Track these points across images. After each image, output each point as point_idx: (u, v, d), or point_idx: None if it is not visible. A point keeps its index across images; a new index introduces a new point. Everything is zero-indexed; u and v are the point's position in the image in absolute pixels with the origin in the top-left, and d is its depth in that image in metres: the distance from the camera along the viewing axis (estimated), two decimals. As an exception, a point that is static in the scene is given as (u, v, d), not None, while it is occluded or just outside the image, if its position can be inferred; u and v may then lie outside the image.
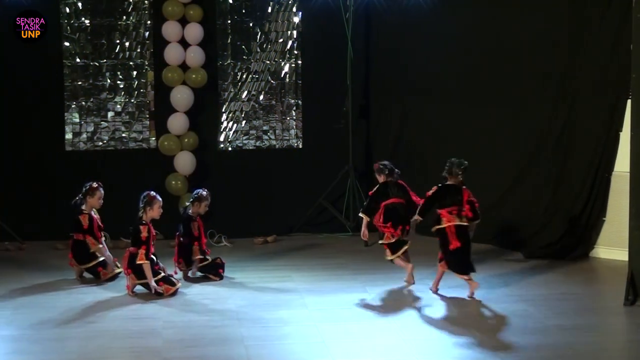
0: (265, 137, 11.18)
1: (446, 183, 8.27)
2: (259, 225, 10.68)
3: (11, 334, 7.22)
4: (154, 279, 8.24)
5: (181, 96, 10.67)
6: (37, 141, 10.64)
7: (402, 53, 10.93)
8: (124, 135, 10.93)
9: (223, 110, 11.09)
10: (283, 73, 11.11)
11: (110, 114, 10.90)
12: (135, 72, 10.89)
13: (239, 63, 11.03)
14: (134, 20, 10.84)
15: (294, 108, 11.19)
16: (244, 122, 11.13)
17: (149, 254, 8.24)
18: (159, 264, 8.40)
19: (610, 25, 9.55)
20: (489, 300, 8.06)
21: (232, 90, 11.07)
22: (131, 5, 10.81)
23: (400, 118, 11.13)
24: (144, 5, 10.82)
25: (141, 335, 7.26)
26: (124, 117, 10.93)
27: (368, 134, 11.25)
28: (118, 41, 10.83)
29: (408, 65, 10.92)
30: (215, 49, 10.92)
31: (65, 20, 10.71)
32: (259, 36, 11.03)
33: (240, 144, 11.15)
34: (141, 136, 10.97)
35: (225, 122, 11.10)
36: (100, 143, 10.90)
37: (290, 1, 11.00)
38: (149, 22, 10.83)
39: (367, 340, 7.08)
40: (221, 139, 11.11)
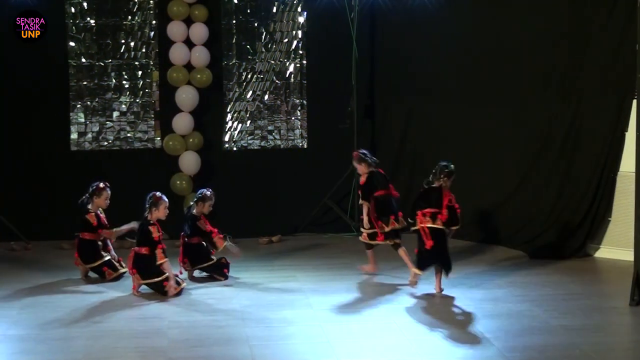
0: (270, 137, 11.19)
1: (432, 186, 8.32)
2: (264, 225, 10.69)
3: (17, 333, 7.23)
4: (159, 279, 8.25)
5: (186, 96, 10.68)
6: (43, 141, 10.65)
7: (407, 53, 10.93)
8: (129, 135, 10.95)
9: (228, 110, 11.10)
10: (288, 73, 11.11)
11: (115, 113, 10.91)
12: (140, 72, 10.90)
13: (244, 63, 11.04)
14: (139, 20, 10.86)
15: (299, 108, 11.19)
16: (248, 122, 11.13)
17: (166, 252, 8.28)
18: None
19: (616, 25, 9.54)
20: (494, 300, 8.06)
21: (237, 90, 11.08)
22: (136, 5, 10.82)
23: (405, 118, 11.13)
24: (149, 5, 10.83)
25: (146, 335, 7.27)
26: (129, 117, 10.94)
27: (373, 134, 11.25)
28: (123, 41, 10.84)
29: (413, 65, 10.91)
30: (220, 49, 10.92)
31: (71, 20, 10.72)
32: (264, 36, 11.03)
33: (245, 144, 11.16)
34: (146, 136, 10.98)
35: (230, 122, 11.11)
36: (106, 143, 10.92)
37: (295, 1, 11.00)
38: (154, 22, 10.84)
39: (372, 340, 7.08)
40: (226, 139, 11.12)
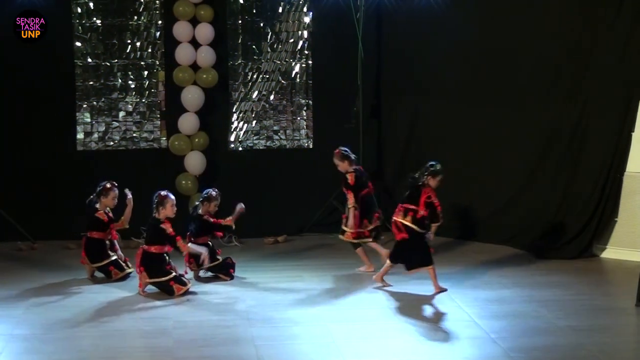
0: (275, 137, 11.19)
1: (417, 183, 8.39)
2: (270, 225, 10.69)
3: (23, 333, 7.25)
4: (164, 279, 8.27)
5: (192, 96, 10.69)
6: (49, 141, 10.66)
7: (413, 53, 10.91)
8: (135, 135, 10.96)
9: (233, 110, 11.10)
10: (294, 73, 11.11)
11: (121, 113, 10.92)
12: (146, 72, 10.91)
13: (249, 63, 11.04)
14: (145, 20, 10.87)
15: (305, 108, 11.19)
16: (254, 122, 11.13)
17: (184, 239, 8.35)
18: (170, 263, 8.42)
19: (622, 26, 9.52)
20: (499, 301, 8.05)
21: (243, 90, 11.08)
22: (142, 6, 10.82)
23: (411, 118, 11.11)
24: (155, 6, 10.84)
25: (152, 334, 7.29)
26: (135, 117, 10.95)
27: (379, 134, 11.24)
28: (129, 41, 10.85)
29: (419, 65, 10.89)
30: (226, 49, 10.92)
31: (77, 20, 10.73)
32: (269, 36, 11.03)
33: (251, 144, 11.16)
34: (152, 136, 10.99)
35: (236, 122, 11.11)
36: (112, 143, 10.92)
37: (300, 1, 10.99)
38: (160, 22, 10.85)
39: (377, 340, 7.08)
40: (232, 139, 11.12)
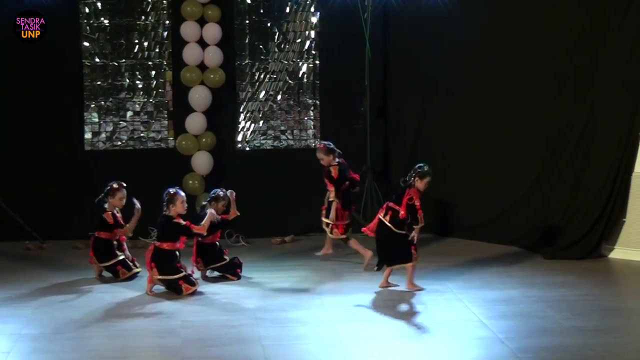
0: (282, 137, 11.19)
1: (407, 184, 8.44)
2: (277, 225, 10.69)
3: (31, 332, 7.26)
4: (174, 277, 8.28)
5: (199, 96, 10.70)
6: (57, 141, 10.69)
7: (420, 53, 10.91)
8: (143, 135, 10.98)
9: (241, 110, 11.11)
10: (301, 73, 11.11)
11: (129, 113, 10.95)
12: (153, 72, 10.93)
13: (257, 63, 11.05)
14: (152, 20, 10.88)
15: (312, 108, 11.19)
16: (261, 122, 11.14)
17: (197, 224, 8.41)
18: (180, 261, 8.44)
19: (630, 26, 9.50)
20: (507, 301, 8.04)
21: (250, 90, 11.09)
22: (150, 6, 10.84)
23: (418, 118, 11.11)
24: (163, 6, 10.85)
25: (160, 334, 7.30)
26: (143, 117, 10.97)
27: (386, 134, 11.24)
28: (137, 41, 10.87)
29: (426, 65, 10.89)
30: (233, 49, 10.93)
31: (85, 20, 10.75)
32: (277, 36, 11.04)
33: (258, 144, 11.17)
34: (159, 136, 11.01)
35: (243, 122, 11.12)
36: (119, 143, 10.95)
37: (308, 1, 11.00)
38: (168, 22, 10.87)
39: (384, 340, 7.08)
40: (239, 139, 11.13)
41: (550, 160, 10.13)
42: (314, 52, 11.08)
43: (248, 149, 11.17)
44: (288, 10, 11.01)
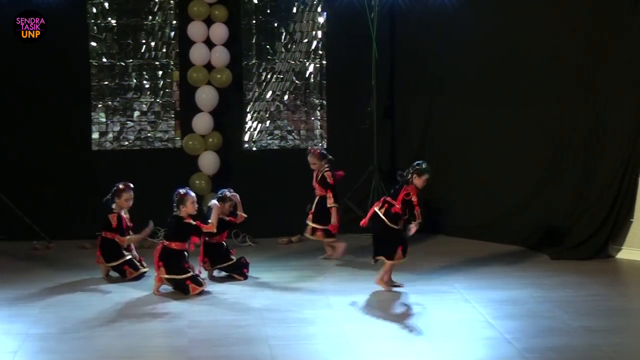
0: (289, 137, 11.20)
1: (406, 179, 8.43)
2: (283, 225, 10.69)
3: (38, 332, 7.27)
4: (181, 277, 8.29)
5: (206, 96, 10.71)
6: (64, 140, 10.72)
7: (427, 53, 10.91)
8: (150, 135, 11.00)
9: (247, 110, 11.12)
10: (308, 73, 11.12)
11: (136, 113, 10.97)
12: (160, 72, 10.95)
13: (263, 63, 11.06)
14: (159, 20, 10.90)
15: (319, 108, 11.20)
16: (268, 122, 11.15)
17: (207, 222, 8.44)
18: (188, 262, 8.45)
19: (636, 26, 9.48)
20: (514, 301, 8.03)
21: (257, 90, 11.10)
22: (157, 6, 10.86)
23: (425, 118, 11.11)
24: (170, 6, 10.87)
25: (167, 334, 7.31)
26: (150, 117, 10.99)
27: (392, 134, 11.24)
28: (144, 41, 10.89)
29: (433, 65, 10.89)
30: (240, 49, 10.95)
31: (92, 20, 10.78)
32: (283, 36, 11.05)
33: (265, 144, 11.17)
34: (167, 136, 11.02)
35: (250, 122, 11.13)
36: (126, 143, 10.97)
37: (315, 1, 11.01)
38: (175, 22, 10.88)
39: (392, 340, 7.08)
40: (245, 139, 11.14)
41: (556, 160, 10.12)
42: (320, 52, 11.09)
43: (255, 149, 11.18)
44: (295, 10, 11.02)
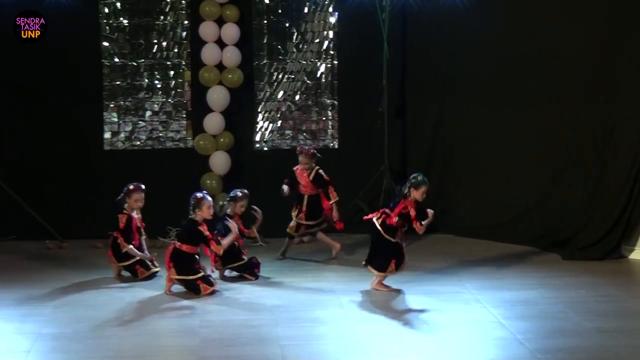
0: (300, 137, 11.21)
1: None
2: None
3: (51, 332, 7.30)
4: (192, 277, 8.31)
5: (217, 96, 10.73)
6: (77, 140, 10.75)
7: (438, 53, 10.89)
8: (161, 134, 11.02)
9: (259, 110, 11.12)
10: (319, 73, 11.11)
11: (147, 113, 10.99)
12: (172, 72, 10.96)
13: (275, 63, 11.06)
14: (171, 20, 10.92)
15: (330, 108, 11.19)
16: (279, 122, 11.16)
17: (218, 240, 8.45)
18: (199, 262, 8.46)
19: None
20: (525, 302, 8.02)
21: (268, 90, 11.11)
22: (169, 6, 10.88)
23: (436, 118, 11.09)
24: (181, 6, 10.89)
25: (179, 334, 7.33)
26: (161, 117, 11.01)
27: (403, 134, 11.22)
28: (155, 41, 10.90)
29: (444, 65, 10.87)
30: (251, 49, 10.95)
31: (104, 20, 10.80)
32: (295, 36, 11.05)
33: (276, 144, 11.18)
34: (178, 136, 11.04)
35: (261, 122, 11.14)
36: (138, 142, 10.99)
37: (326, 1, 11.00)
38: (186, 22, 10.90)
39: (403, 340, 7.08)
40: (257, 139, 11.15)
41: (570, 161, 10.09)
42: (332, 52, 11.08)
43: (266, 148, 11.18)
44: (306, 10, 11.02)
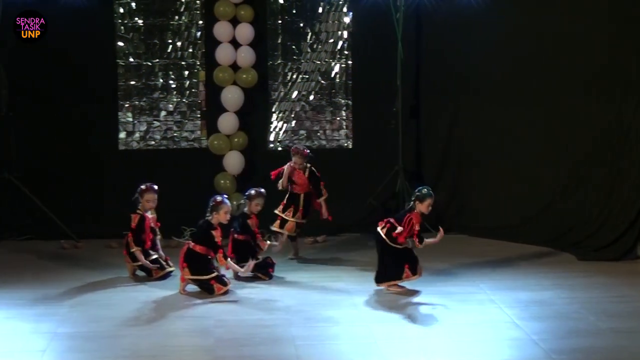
0: (315, 137, 11.21)
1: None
2: (309, 225, 10.65)
3: (67, 331, 7.33)
4: (206, 277, 8.33)
5: (232, 96, 10.75)
6: (92, 140, 10.79)
7: (452, 53, 10.87)
8: (176, 134, 11.04)
9: (273, 110, 11.14)
10: (333, 73, 11.12)
11: (162, 113, 11.02)
12: (187, 72, 10.99)
13: (289, 63, 11.07)
14: (186, 21, 10.95)
15: (344, 108, 11.20)
16: (293, 122, 11.17)
17: (227, 255, 8.45)
18: (213, 263, 8.48)
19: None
20: (540, 302, 8.00)
21: (282, 90, 11.12)
22: (183, 6, 10.91)
23: (450, 118, 11.08)
24: (196, 6, 10.92)
25: (193, 333, 7.35)
26: (176, 117, 11.04)
27: (418, 134, 11.21)
28: (170, 41, 10.94)
29: (458, 65, 10.85)
30: (265, 49, 10.97)
31: (119, 20, 10.84)
32: (309, 36, 11.06)
33: (290, 144, 11.17)
34: (192, 135, 11.07)
35: (275, 122, 11.15)
36: (153, 142, 11.02)
37: (340, 1, 11.01)
38: (201, 22, 10.93)
39: (418, 340, 7.07)
40: (271, 139, 11.16)
41: (586, 161, 10.05)
42: (346, 52, 11.08)
43: (280, 148, 11.19)
44: (320, 10, 11.03)
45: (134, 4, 10.84)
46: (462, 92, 10.90)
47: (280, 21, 11.03)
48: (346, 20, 11.05)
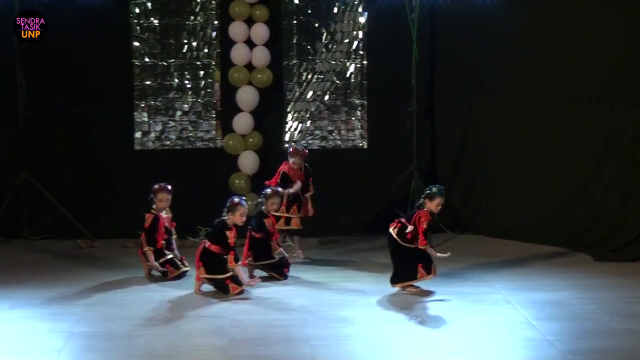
0: (330, 137, 11.21)
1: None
2: (323, 225, 10.69)
3: (82, 331, 7.36)
4: (221, 277, 8.34)
5: (247, 96, 10.76)
6: (107, 140, 10.83)
7: (467, 53, 10.86)
8: (191, 134, 11.07)
9: (288, 110, 11.15)
10: (348, 73, 11.12)
11: (177, 113, 11.05)
12: (202, 72, 11.01)
13: (304, 63, 11.08)
14: (201, 21, 10.97)
15: (359, 108, 11.19)
16: (308, 122, 11.17)
17: (238, 258, 8.45)
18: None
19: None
20: (556, 303, 7.98)
21: (297, 90, 11.13)
22: (199, 6, 10.93)
23: (465, 119, 11.06)
24: (211, 6, 10.94)
25: (208, 333, 7.36)
26: (191, 117, 11.07)
27: (433, 134, 11.20)
28: (186, 41, 10.96)
29: (473, 66, 10.84)
30: (280, 49, 10.98)
31: (135, 20, 10.87)
32: (324, 36, 11.06)
33: (305, 144, 11.18)
34: (208, 135, 11.09)
35: (290, 122, 11.16)
36: (168, 142, 11.05)
37: (356, 1, 11.00)
38: (216, 23, 10.95)
39: (432, 341, 7.06)
40: (286, 139, 11.17)
41: (602, 161, 10.02)
42: (361, 52, 11.08)
43: (295, 148, 11.19)
44: (336, 10, 11.03)
45: (149, 4, 10.88)
46: (477, 92, 10.88)
47: (295, 21, 11.04)
48: (361, 20, 11.05)
